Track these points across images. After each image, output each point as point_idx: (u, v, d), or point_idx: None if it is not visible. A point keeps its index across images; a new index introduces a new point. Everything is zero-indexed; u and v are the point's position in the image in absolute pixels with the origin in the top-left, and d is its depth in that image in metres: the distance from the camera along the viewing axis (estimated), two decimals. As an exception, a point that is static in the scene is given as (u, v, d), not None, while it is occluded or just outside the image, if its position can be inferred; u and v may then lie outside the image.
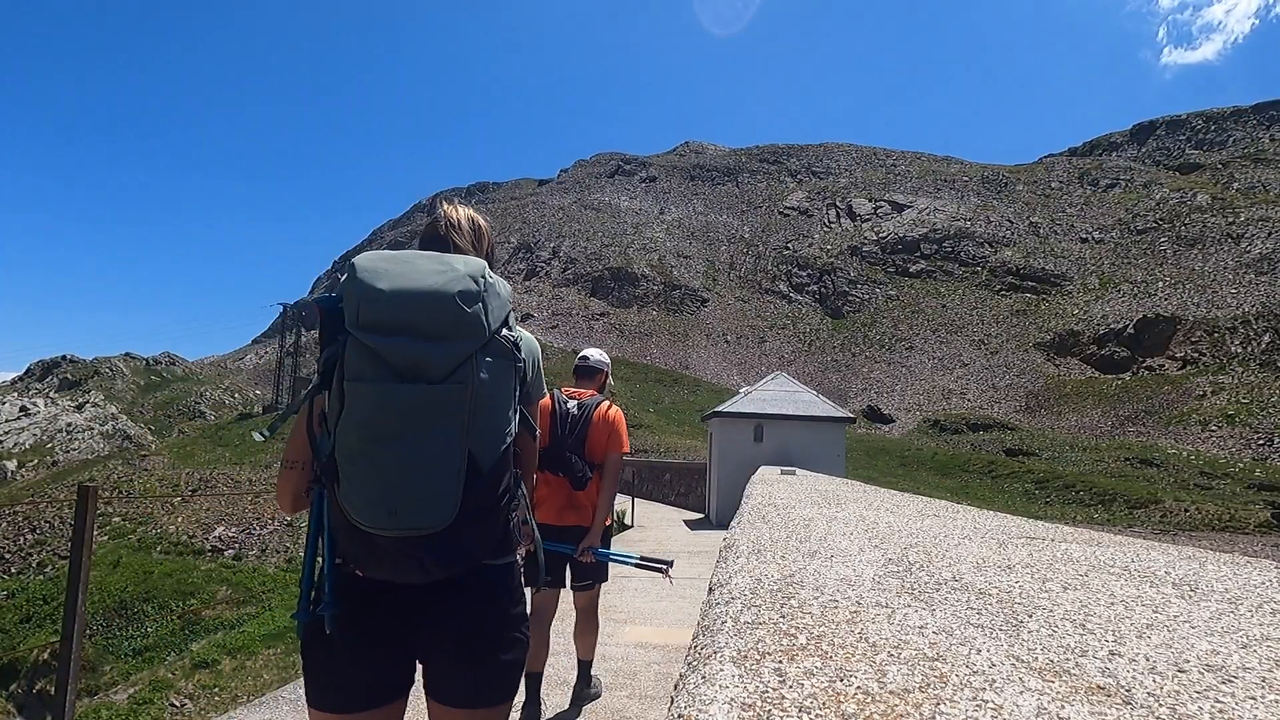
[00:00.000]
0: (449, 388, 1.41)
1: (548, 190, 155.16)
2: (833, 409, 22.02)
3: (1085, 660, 0.98)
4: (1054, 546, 2.42)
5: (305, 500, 1.61)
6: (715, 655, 0.99)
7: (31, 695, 20.68)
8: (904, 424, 67.82)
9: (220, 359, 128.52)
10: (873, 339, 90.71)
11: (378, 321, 1.42)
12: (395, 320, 1.42)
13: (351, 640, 1.52)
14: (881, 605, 1.33)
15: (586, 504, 4.05)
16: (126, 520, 29.71)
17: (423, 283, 1.46)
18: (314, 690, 1.59)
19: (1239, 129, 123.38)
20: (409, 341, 1.41)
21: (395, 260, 1.51)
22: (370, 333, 1.41)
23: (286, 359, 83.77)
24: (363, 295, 1.44)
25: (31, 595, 25.28)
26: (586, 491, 4.03)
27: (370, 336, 1.41)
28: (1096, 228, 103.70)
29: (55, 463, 59.01)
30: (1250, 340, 67.68)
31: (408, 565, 1.44)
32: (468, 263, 1.55)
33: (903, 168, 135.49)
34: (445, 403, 1.41)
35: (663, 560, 4.34)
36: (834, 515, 3.56)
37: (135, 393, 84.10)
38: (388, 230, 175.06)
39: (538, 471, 3.80)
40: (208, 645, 20.94)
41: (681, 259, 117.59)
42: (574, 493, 4.01)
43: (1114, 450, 51.45)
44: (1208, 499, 36.07)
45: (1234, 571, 1.92)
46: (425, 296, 1.44)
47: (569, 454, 3.98)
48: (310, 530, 1.55)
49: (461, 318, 1.45)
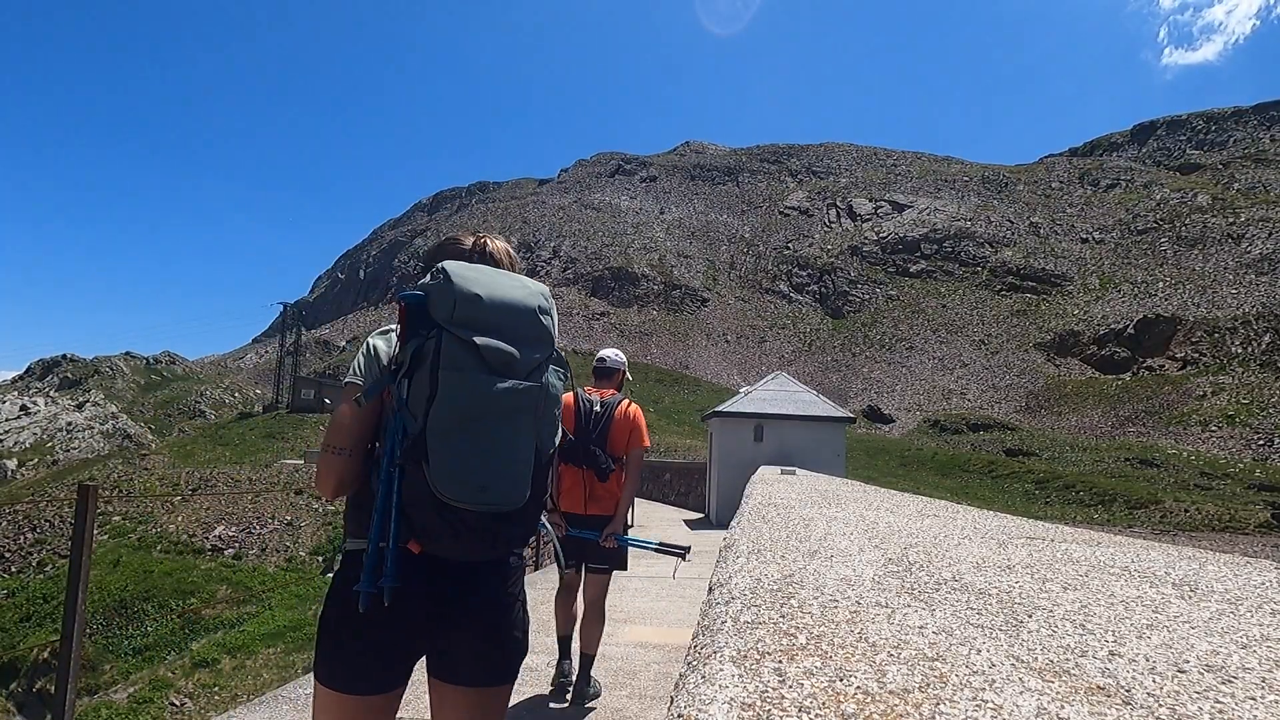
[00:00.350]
0: (530, 386, 1.62)
1: (548, 190, 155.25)
2: (833, 409, 22.03)
3: (1085, 660, 0.98)
4: (1054, 546, 2.42)
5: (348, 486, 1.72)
6: (715, 655, 0.99)
7: (31, 694, 20.69)
8: (904, 424, 67.86)
9: (220, 358, 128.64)
10: (873, 339, 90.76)
11: (474, 320, 1.60)
12: (489, 322, 1.61)
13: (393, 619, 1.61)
14: (881, 605, 1.33)
15: (608, 495, 4.29)
16: (126, 519, 29.73)
17: (510, 294, 1.67)
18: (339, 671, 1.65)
19: (1239, 129, 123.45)
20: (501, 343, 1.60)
21: (483, 271, 1.71)
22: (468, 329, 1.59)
23: (286, 358, 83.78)
24: (460, 297, 1.61)
25: (31, 594, 25.30)
26: (608, 484, 4.27)
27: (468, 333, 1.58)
28: (1097, 228, 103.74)
29: (55, 461, 59.06)
30: (1250, 340, 67.71)
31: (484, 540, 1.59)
32: (536, 284, 1.77)
33: (903, 168, 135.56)
34: (525, 398, 1.61)
35: (680, 546, 4.61)
36: (834, 515, 3.56)
37: (135, 392, 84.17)
38: (388, 230, 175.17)
39: (562, 464, 4.23)
40: (207, 644, 20.94)
41: (682, 259, 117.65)
42: (597, 484, 4.26)
43: (1114, 450, 51.47)
44: (1208, 499, 36.08)
45: (1234, 572, 1.92)
46: (514, 306, 1.66)
47: (593, 448, 4.24)
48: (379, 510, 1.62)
49: (540, 328, 1.69)
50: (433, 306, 1.61)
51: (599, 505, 4.27)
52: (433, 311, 1.61)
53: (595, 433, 4.27)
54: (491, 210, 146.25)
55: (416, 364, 1.59)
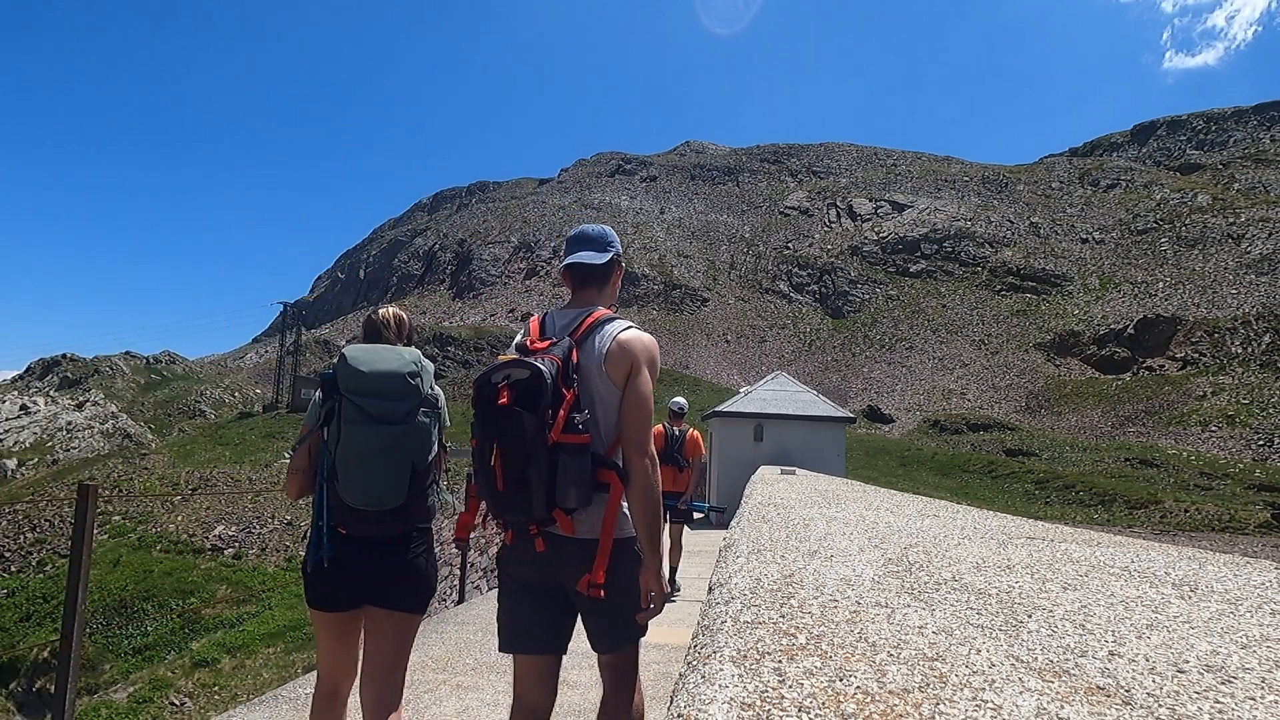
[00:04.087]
0: (403, 427, 2.46)
1: (548, 190, 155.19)
2: (833, 409, 22.02)
3: (1085, 660, 0.98)
4: (1054, 546, 2.42)
5: (304, 493, 2.63)
6: (715, 655, 0.99)
7: (31, 693, 20.69)
8: (904, 424, 67.83)
9: (220, 358, 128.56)
10: (873, 339, 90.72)
11: (361, 389, 2.44)
12: (370, 388, 2.44)
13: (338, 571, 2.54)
14: (881, 605, 1.33)
15: (683, 481, 8.12)
16: (127, 519, 29.70)
17: (386, 366, 2.48)
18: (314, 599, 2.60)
19: (1240, 129, 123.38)
20: (379, 400, 2.43)
21: (370, 351, 2.55)
22: (356, 395, 2.44)
23: (287, 358, 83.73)
24: (351, 374, 2.45)
25: (31, 593, 25.29)
26: (684, 474, 8.13)
27: (356, 398, 2.43)
28: (1097, 228, 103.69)
29: (55, 461, 59.01)
30: (1251, 341, 67.67)
31: (378, 525, 2.49)
32: (410, 352, 2.60)
33: (903, 168, 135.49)
34: (400, 436, 2.45)
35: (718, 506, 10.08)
36: (834, 515, 3.56)
37: (135, 391, 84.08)
38: (388, 230, 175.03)
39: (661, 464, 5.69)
40: (207, 644, 20.95)
41: (682, 258, 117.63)
42: (677, 474, 8.04)
43: (1114, 450, 51.45)
44: (1208, 499, 36.06)
45: (1234, 572, 1.92)
46: (388, 374, 2.47)
47: (675, 455, 8.06)
48: (316, 507, 2.54)
49: (408, 387, 2.48)
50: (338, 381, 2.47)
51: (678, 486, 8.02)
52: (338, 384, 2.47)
53: (676, 448, 8.08)
54: (491, 210, 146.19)
55: (329, 418, 2.48)
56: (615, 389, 2.19)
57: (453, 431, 2.79)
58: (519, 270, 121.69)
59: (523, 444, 1.99)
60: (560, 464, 2.00)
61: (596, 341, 2.22)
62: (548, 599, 2.22)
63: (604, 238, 2.53)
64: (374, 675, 2.54)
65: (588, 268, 2.44)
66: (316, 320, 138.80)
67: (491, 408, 2.05)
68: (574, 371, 2.14)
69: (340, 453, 2.38)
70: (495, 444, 2.03)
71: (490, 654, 5.40)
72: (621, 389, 2.19)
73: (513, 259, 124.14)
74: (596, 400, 2.18)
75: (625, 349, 2.21)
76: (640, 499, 2.12)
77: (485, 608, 7.41)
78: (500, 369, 2.11)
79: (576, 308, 2.39)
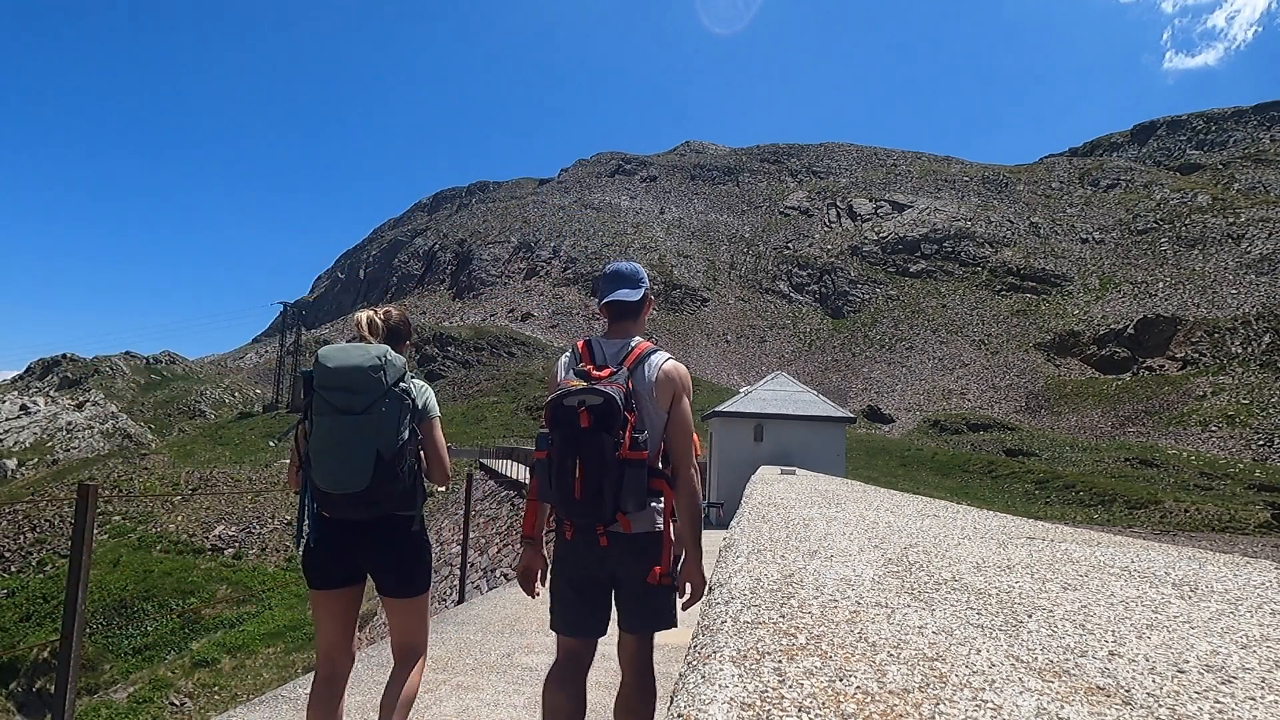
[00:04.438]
0: (364, 417, 2.64)
1: (548, 190, 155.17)
2: (833, 409, 22.02)
3: (1085, 660, 0.98)
4: (1054, 546, 2.42)
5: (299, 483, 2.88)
6: (715, 655, 0.99)
7: (31, 693, 20.70)
8: (904, 424, 67.84)
9: (220, 358, 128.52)
10: (873, 339, 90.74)
11: (329, 384, 2.67)
12: (337, 382, 2.66)
13: (324, 551, 2.80)
14: (881, 605, 1.33)
15: None
16: (127, 519, 29.70)
17: (351, 361, 2.69)
18: (309, 578, 2.86)
19: (1239, 129, 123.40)
20: (343, 393, 2.65)
21: (340, 349, 2.75)
22: (324, 389, 2.67)
23: (287, 358, 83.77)
24: (321, 371, 2.70)
25: (31, 593, 25.30)
26: None
27: (324, 391, 2.67)
28: (1097, 228, 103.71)
29: (55, 461, 59.02)
30: (1251, 341, 67.68)
31: (350, 508, 2.69)
32: (377, 348, 2.76)
33: (903, 168, 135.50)
34: (362, 424, 2.63)
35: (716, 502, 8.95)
36: (834, 515, 3.56)
37: (135, 391, 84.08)
38: (388, 230, 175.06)
39: None
40: (207, 644, 20.96)
41: (682, 259, 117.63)
42: None
43: (1114, 451, 51.45)
44: (1208, 499, 36.07)
45: (1234, 572, 1.92)
46: (353, 369, 2.67)
47: None
48: (301, 493, 2.81)
49: (371, 380, 2.66)
50: (314, 377, 2.72)
51: None
52: (313, 380, 2.72)
53: None
54: (491, 210, 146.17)
55: (307, 412, 2.76)
56: (662, 412, 2.59)
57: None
58: (519, 270, 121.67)
59: (601, 461, 2.36)
60: (626, 476, 2.38)
61: (646, 371, 2.60)
62: (594, 589, 2.64)
63: (636, 275, 2.82)
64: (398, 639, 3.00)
65: (625, 304, 2.75)
66: (316, 320, 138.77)
67: (574, 429, 2.40)
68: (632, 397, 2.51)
69: (311, 442, 2.68)
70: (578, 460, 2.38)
71: (490, 654, 5.40)
72: (667, 411, 2.60)
73: (513, 259, 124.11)
74: (646, 421, 2.55)
75: (670, 378, 2.61)
76: (686, 503, 2.57)
77: (485, 608, 7.40)
78: (574, 394, 2.44)
79: (617, 338, 2.73)
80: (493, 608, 7.25)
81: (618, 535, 2.50)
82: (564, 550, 2.64)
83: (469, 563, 9.37)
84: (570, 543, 2.59)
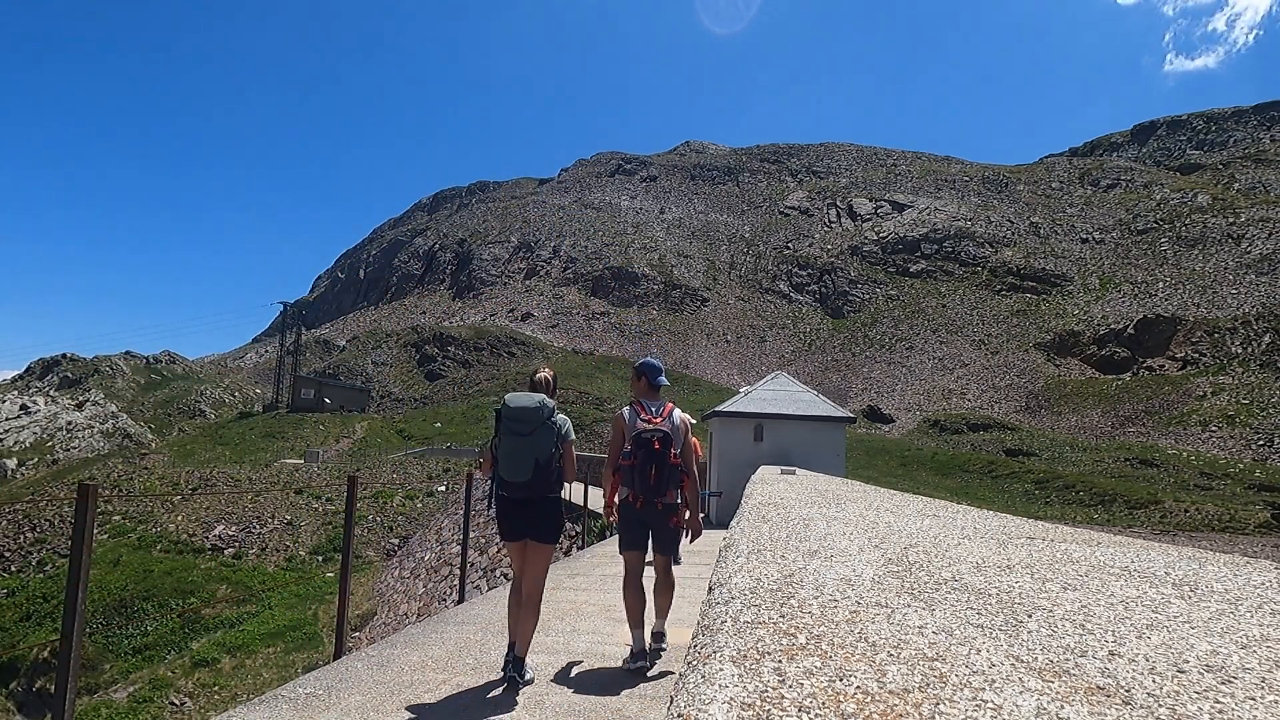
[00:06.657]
0: (530, 438, 4.55)
1: (548, 190, 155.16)
2: (833, 409, 22.01)
3: (1085, 660, 0.98)
4: (1054, 546, 2.42)
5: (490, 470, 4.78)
6: (715, 655, 1.00)
7: (31, 693, 20.70)
8: (904, 424, 67.84)
9: (220, 357, 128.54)
10: (873, 339, 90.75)
11: (511, 416, 4.60)
12: (516, 415, 4.59)
13: (503, 513, 4.70)
14: (881, 605, 1.33)
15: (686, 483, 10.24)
16: (127, 519, 29.70)
17: (525, 404, 4.61)
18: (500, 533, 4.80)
19: (1240, 129, 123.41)
20: (519, 423, 4.57)
21: (520, 396, 4.70)
22: (509, 419, 4.60)
23: (287, 358, 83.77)
24: (506, 409, 4.63)
25: (31, 593, 25.29)
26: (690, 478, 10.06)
27: (508, 421, 4.60)
28: (1097, 228, 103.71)
29: (55, 461, 59.04)
30: (1250, 341, 67.68)
31: (519, 492, 4.58)
32: (543, 399, 4.67)
33: (903, 168, 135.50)
34: (529, 443, 4.55)
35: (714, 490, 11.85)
36: (834, 515, 3.56)
37: (135, 391, 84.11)
38: (388, 230, 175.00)
39: None
40: (207, 644, 20.96)
41: (682, 258, 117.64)
42: None
43: (1114, 450, 51.45)
44: (1208, 499, 36.07)
45: (1234, 572, 1.92)
46: (526, 409, 4.59)
47: None
48: (491, 480, 4.74)
49: (538, 416, 4.58)
50: (502, 412, 4.63)
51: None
52: (502, 413, 4.62)
53: None
54: (491, 210, 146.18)
55: (498, 432, 4.64)
56: (681, 440, 4.97)
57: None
58: (519, 270, 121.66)
59: (665, 467, 4.80)
60: (672, 474, 4.84)
61: (674, 419, 4.99)
62: (642, 530, 5.00)
63: (662, 367, 5.30)
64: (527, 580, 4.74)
65: (662, 385, 5.18)
66: (316, 320, 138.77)
67: (650, 449, 4.78)
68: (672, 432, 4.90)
69: (499, 451, 4.60)
70: (654, 467, 4.76)
71: (490, 654, 5.40)
72: (683, 440, 5.00)
73: (513, 259, 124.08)
74: (677, 445, 4.93)
75: (685, 423, 5.07)
76: (692, 488, 5.07)
77: (485, 608, 7.40)
78: (650, 431, 4.82)
79: (655, 399, 5.10)
80: (493, 608, 7.25)
81: (663, 503, 4.90)
82: (629, 512, 4.97)
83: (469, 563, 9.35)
84: (638, 509, 4.91)
